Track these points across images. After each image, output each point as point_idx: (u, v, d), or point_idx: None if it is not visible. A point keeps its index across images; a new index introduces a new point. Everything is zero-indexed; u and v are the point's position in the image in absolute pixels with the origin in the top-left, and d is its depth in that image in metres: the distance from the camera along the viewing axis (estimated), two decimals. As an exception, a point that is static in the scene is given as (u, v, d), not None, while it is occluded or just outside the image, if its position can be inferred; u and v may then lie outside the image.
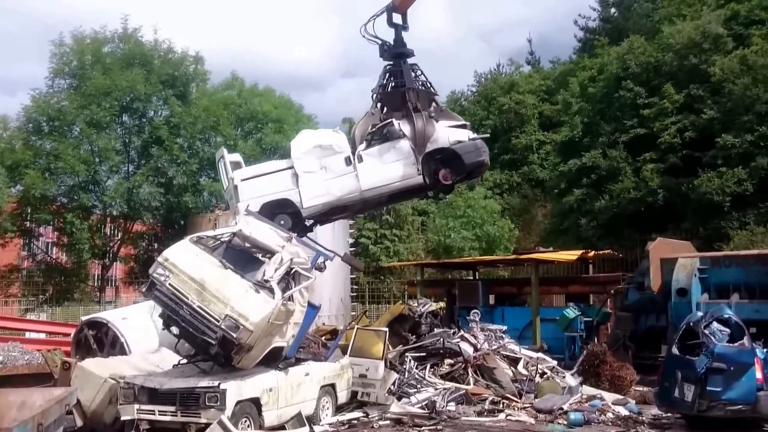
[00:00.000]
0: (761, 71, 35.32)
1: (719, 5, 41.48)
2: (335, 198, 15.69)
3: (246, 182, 15.68)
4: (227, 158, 16.13)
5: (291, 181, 15.61)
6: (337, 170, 15.57)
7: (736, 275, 18.08)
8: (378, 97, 16.56)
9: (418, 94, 15.95)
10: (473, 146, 15.86)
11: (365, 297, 32.50)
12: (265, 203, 15.49)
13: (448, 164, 15.83)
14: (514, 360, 16.70)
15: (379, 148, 15.65)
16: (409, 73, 16.11)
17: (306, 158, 15.60)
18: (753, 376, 12.05)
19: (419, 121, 15.51)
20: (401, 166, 15.58)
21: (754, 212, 34.49)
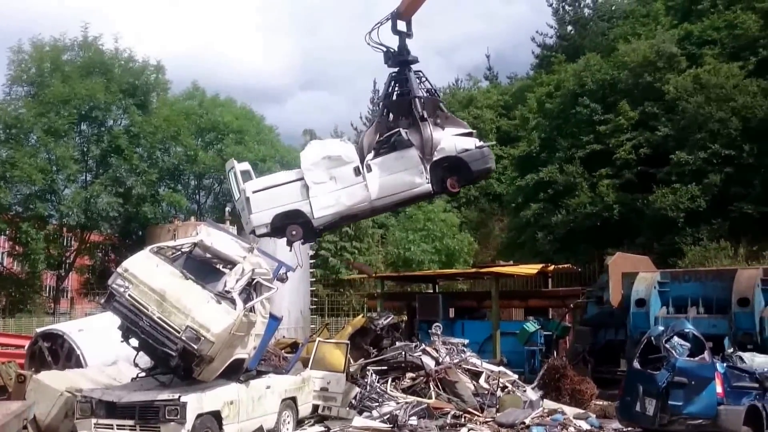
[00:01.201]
0: (714, 90, 35.94)
1: (673, 25, 42.26)
2: (345, 208, 15.56)
3: (258, 194, 15.55)
4: (238, 169, 15.93)
5: (301, 192, 15.51)
6: (346, 180, 15.45)
7: (694, 290, 18.22)
8: (384, 106, 16.48)
9: (424, 102, 15.87)
10: (480, 154, 15.83)
11: (324, 310, 32.18)
12: (276, 214, 15.42)
13: (455, 171, 15.77)
14: (476, 374, 16.58)
15: (388, 158, 15.54)
16: (415, 81, 16.01)
17: (315, 169, 15.48)
18: (713, 391, 12.06)
19: (426, 129, 15.40)
20: (410, 174, 15.49)
21: (707, 228, 34.95)
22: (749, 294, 17.26)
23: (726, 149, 35.24)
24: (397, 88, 16.19)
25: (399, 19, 16.18)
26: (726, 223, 35.12)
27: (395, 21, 16.19)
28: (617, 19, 50.15)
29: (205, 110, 34.11)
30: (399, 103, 16.01)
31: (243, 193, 15.57)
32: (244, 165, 16.36)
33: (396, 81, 16.18)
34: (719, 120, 35.42)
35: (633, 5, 49.96)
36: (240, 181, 15.70)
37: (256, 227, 15.58)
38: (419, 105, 15.61)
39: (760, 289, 17.31)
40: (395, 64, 16.19)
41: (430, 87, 16.41)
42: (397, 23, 16.19)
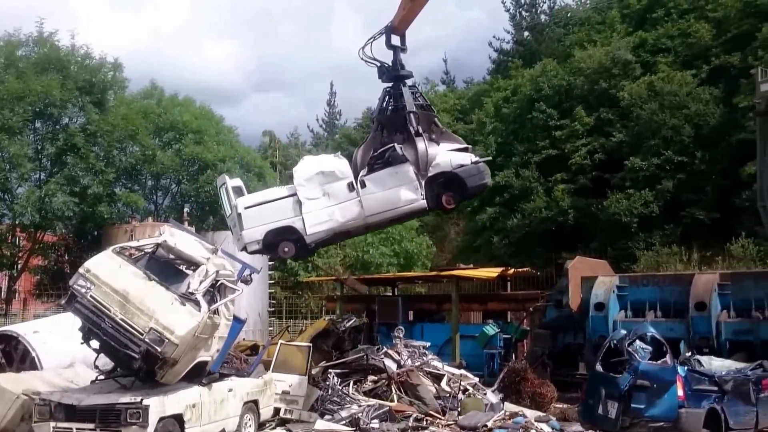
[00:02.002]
0: (667, 97, 36.66)
1: (628, 33, 42.93)
2: (339, 224, 15.37)
3: (250, 210, 15.35)
4: (230, 185, 15.69)
5: (294, 208, 15.32)
6: (340, 196, 15.26)
7: (652, 294, 18.51)
8: (378, 121, 16.21)
9: (419, 117, 15.67)
10: (476, 170, 15.67)
11: (282, 312, 31.90)
12: (269, 231, 15.22)
13: (451, 187, 15.60)
14: (438, 377, 16.50)
15: (382, 173, 15.34)
16: (410, 96, 15.78)
17: (309, 185, 15.29)
18: (675, 394, 12.23)
19: (421, 145, 15.22)
20: (404, 190, 15.30)
21: (660, 233, 35.58)
22: (706, 298, 17.58)
23: (679, 156, 35.99)
24: (391, 103, 16.01)
25: (393, 33, 16.04)
26: (678, 228, 35.82)
27: (389, 35, 16.04)
28: (573, 26, 50.79)
29: (164, 109, 33.43)
30: (393, 118, 15.78)
31: (235, 209, 15.36)
32: (236, 181, 16.17)
33: (390, 96, 15.99)
34: (672, 127, 36.15)
35: (589, 12, 50.65)
36: (232, 197, 15.49)
37: (248, 244, 15.36)
38: (414, 120, 15.43)
39: (716, 293, 17.65)
40: (389, 79, 16.01)
41: (425, 102, 16.27)
42: (391, 38, 16.06)
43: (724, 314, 17.64)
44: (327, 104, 71.54)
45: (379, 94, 16.09)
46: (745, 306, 17.52)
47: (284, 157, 50.02)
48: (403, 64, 16.07)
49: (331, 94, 72.57)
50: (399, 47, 16.08)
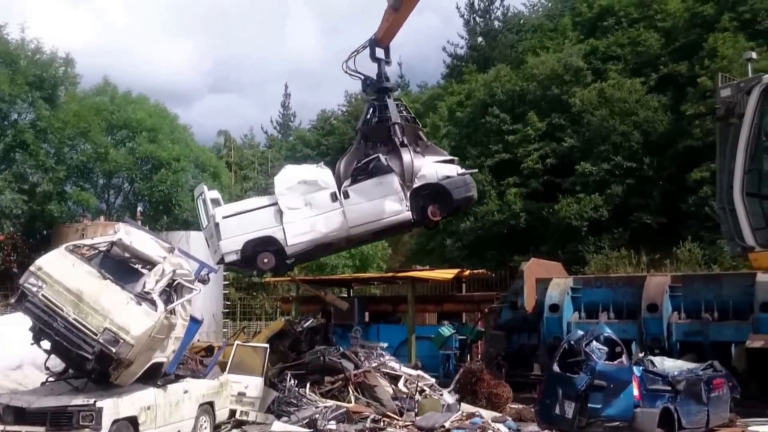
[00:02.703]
0: (617, 104, 37.19)
1: (579, 40, 43.43)
2: (321, 235, 15.08)
3: (228, 220, 15.02)
4: (207, 195, 15.32)
5: (275, 218, 15.00)
6: (322, 206, 14.99)
7: (605, 296, 18.69)
8: (362, 132, 16.00)
9: (404, 129, 15.43)
10: (462, 182, 15.53)
11: (236, 313, 31.47)
12: (248, 241, 14.87)
13: (436, 199, 15.39)
14: (395, 378, 16.42)
15: (366, 184, 15.09)
16: (395, 108, 15.56)
17: (290, 194, 15.01)
18: (631, 394, 12.29)
19: (407, 156, 15.04)
20: (389, 202, 15.05)
21: (609, 237, 36.08)
22: (658, 300, 17.80)
23: (628, 161, 36.52)
24: (375, 115, 15.80)
25: (377, 46, 15.88)
26: (627, 232, 36.37)
27: (373, 48, 15.88)
28: (526, 33, 51.25)
29: (117, 107, 32.74)
30: (378, 130, 15.65)
31: (212, 218, 15.02)
32: (213, 193, 15.84)
33: (375, 107, 15.80)
34: (622, 133, 36.66)
35: (541, 20, 51.15)
36: (209, 207, 15.16)
37: (226, 254, 15.03)
38: (399, 131, 15.26)
39: (668, 295, 17.89)
40: (374, 91, 15.82)
41: (410, 115, 16.10)
42: (375, 50, 15.87)
43: (675, 316, 17.89)
44: (281, 106, 71.10)
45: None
46: (695, 308, 17.78)
47: (239, 157, 49.46)
48: (387, 76, 16.06)
49: (285, 95, 72.21)
50: (383, 60, 15.96)
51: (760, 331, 16.58)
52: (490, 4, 55.19)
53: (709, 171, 34.03)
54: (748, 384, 15.93)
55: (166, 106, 36.43)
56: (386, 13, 15.86)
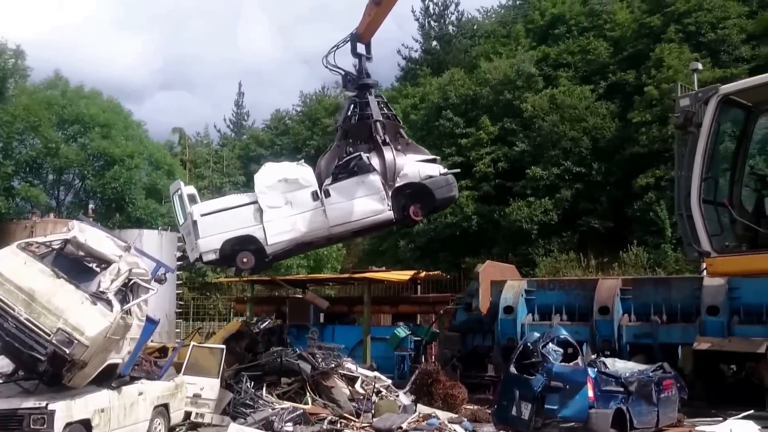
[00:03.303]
0: (567, 110, 37.73)
1: (532, 47, 43.97)
2: (301, 234, 14.76)
3: (206, 218, 14.62)
4: (184, 191, 14.84)
5: (254, 217, 14.64)
6: (303, 205, 14.67)
7: (558, 298, 18.75)
8: (344, 129, 15.62)
9: (385, 126, 15.12)
10: (444, 181, 15.30)
11: (190, 313, 30.91)
12: (227, 240, 14.49)
13: (418, 199, 15.13)
14: (352, 379, 16.26)
15: (348, 183, 14.80)
16: (376, 105, 15.25)
17: (271, 193, 14.65)
18: (586, 395, 12.32)
19: (389, 154, 14.78)
20: (371, 201, 14.79)
21: (558, 240, 36.55)
22: (609, 303, 17.94)
23: (577, 166, 37.08)
24: (356, 112, 15.48)
25: (359, 41, 15.59)
26: (575, 235, 36.91)
27: (355, 43, 15.58)
28: (479, 38, 51.63)
29: (69, 101, 31.79)
30: (359, 127, 15.34)
31: (190, 216, 14.61)
32: (190, 188, 15.40)
33: (356, 105, 15.47)
34: (572, 139, 37.20)
35: (494, 26, 51.60)
36: (186, 204, 14.73)
37: (204, 253, 14.60)
38: (380, 129, 15.00)
39: (619, 298, 18.04)
40: (355, 87, 15.50)
41: (390, 112, 15.82)
42: (356, 46, 15.58)
43: (626, 318, 18.03)
44: (235, 105, 70.34)
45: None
46: (644, 310, 17.94)
47: (194, 155, 48.73)
48: (368, 72, 15.75)
49: (239, 94, 71.60)
50: (364, 55, 15.68)
51: (707, 333, 16.83)
52: (444, 8, 55.50)
53: (654, 177, 34.86)
54: (694, 385, 16.14)
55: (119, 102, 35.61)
56: (368, 7, 15.64)
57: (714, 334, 16.73)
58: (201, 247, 14.53)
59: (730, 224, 9.02)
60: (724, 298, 16.93)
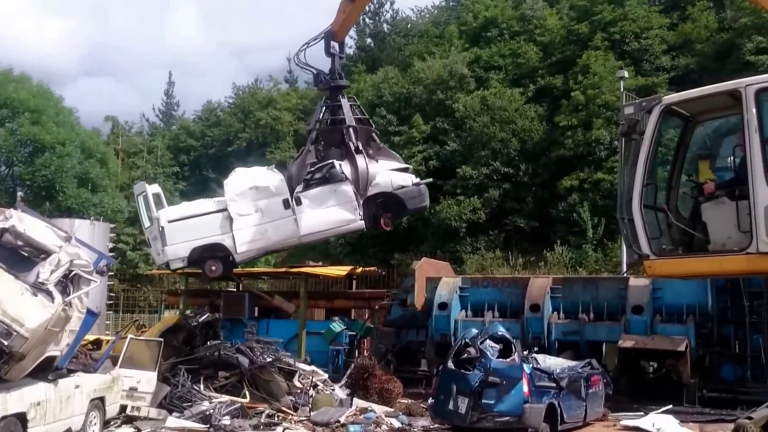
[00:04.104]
0: (498, 112, 38.36)
1: (464, 48, 44.47)
2: (272, 243, 14.44)
3: (174, 224, 14.17)
4: (150, 192, 14.27)
5: (224, 224, 14.23)
6: (274, 213, 14.30)
7: (491, 295, 19.14)
8: (317, 133, 15.11)
9: (358, 132, 14.74)
10: (417, 192, 15.06)
11: (120, 306, 30.15)
12: (195, 247, 14.10)
13: (390, 208, 14.87)
14: (290, 373, 16.21)
15: (319, 191, 14.47)
16: (349, 109, 14.84)
17: (241, 200, 14.24)
18: (521, 390, 12.61)
19: (362, 162, 14.42)
20: (342, 210, 14.51)
21: (485, 239, 37.14)
22: (540, 301, 18.42)
23: (505, 167, 37.76)
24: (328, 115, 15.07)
25: (333, 39, 15.20)
26: (501, 234, 37.57)
27: (329, 42, 15.18)
28: (413, 37, 51.87)
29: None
30: (332, 132, 14.97)
31: (156, 221, 14.13)
32: (155, 187, 14.80)
33: (329, 108, 15.04)
34: (501, 140, 37.84)
35: (428, 26, 51.95)
36: (152, 208, 14.19)
37: (171, 261, 14.25)
38: (354, 135, 14.67)
39: (549, 296, 18.53)
40: (328, 88, 15.07)
41: (363, 116, 15.46)
42: (330, 44, 15.20)
43: (555, 316, 18.56)
44: (165, 94, 68.75)
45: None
46: (573, 309, 18.52)
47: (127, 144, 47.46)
48: (341, 72, 15.43)
49: (169, 83, 70.03)
50: (337, 54, 15.35)
51: (631, 331, 17.51)
52: (379, 6, 55.51)
53: (578, 180, 35.83)
54: (618, 381, 16.71)
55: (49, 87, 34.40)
56: (342, 4, 15.34)
57: (638, 332, 17.43)
58: (168, 254, 14.22)
59: (667, 228, 9.34)
60: (647, 298, 17.71)
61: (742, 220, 8.46)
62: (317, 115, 15.62)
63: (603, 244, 34.44)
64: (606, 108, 35.99)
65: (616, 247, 32.82)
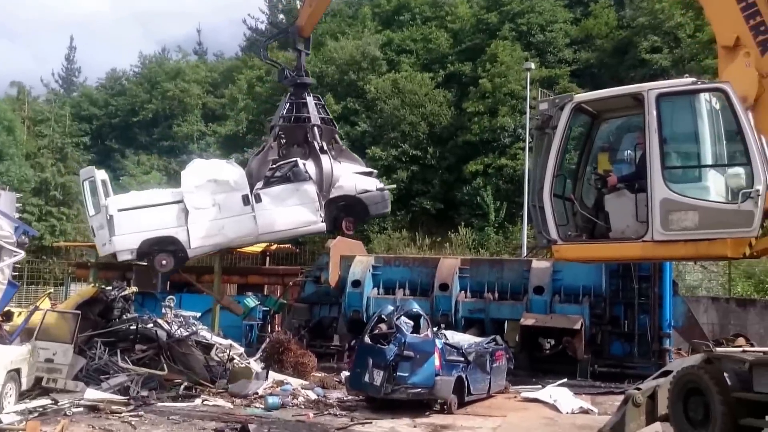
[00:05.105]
0: (408, 95, 39.07)
1: (377, 30, 44.91)
2: (228, 240, 13.85)
3: (123, 213, 13.60)
4: (98, 178, 13.61)
5: (179, 217, 13.73)
6: (233, 209, 13.76)
7: (403, 274, 19.88)
8: (280, 130, 14.56)
9: (322, 131, 14.31)
10: (381, 197, 14.72)
11: (24, 278, 29.23)
12: (146, 239, 13.51)
13: (352, 212, 14.52)
14: (207, 346, 16.45)
15: (281, 189, 14.01)
16: (314, 107, 14.38)
17: (198, 193, 13.69)
18: (433, 364, 13.37)
19: (327, 163, 13.96)
20: (304, 210, 14.08)
21: (392, 219, 37.85)
22: (449, 280, 19.29)
23: (414, 149, 38.59)
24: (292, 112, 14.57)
25: (300, 34, 14.81)
26: (408, 215, 38.42)
27: (295, 37, 14.76)
28: (326, 16, 51.73)
29: None
30: (295, 129, 14.46)
31: (105, 209, 13.55)
32: (102, 174, 14.07)
33: (294, 105, 14.58)
34: (411, 123, 38.62)
35: (341, 5, 52.05)
36: (101, 195, 13.57)
37: (119, 252, 13.65)
38: (318, 135, 14.30)
39: (457, 276, 19.42)
40: (292, 84, 14.63)
41: (327, 115, 15.01)
42: (296, 40, 14.80)
43: (462, 294, 19.46)
44: (66, 59, 66.14)
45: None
46: (479, 288, 19.48)
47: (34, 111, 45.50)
48: (306, 70, 15.00)
49: (70, 48, 67.35)
50: (303, 51, 14.92)
51: (532, 310, 18.62)
52: (292, -19, 55.13)
53: (483, 165, 37.05)
54: (519, 356, 17.78)
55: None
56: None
57: (538, 311, 18.56)
58: (116, 244, 13.73)
59: (573, 216, 10.13)
60: (548, 280, 18.85)
61: (640, 211, 9.26)
62: (281, 110, 15.01)
63: (504, 227, 35.83)
64: (511, 96, 37.27)
65: (516, 230, 34.29)
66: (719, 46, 9.22)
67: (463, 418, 13.29)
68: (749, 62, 8.80)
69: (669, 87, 9.42)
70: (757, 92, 8.74)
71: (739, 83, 8.77)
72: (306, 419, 12.88)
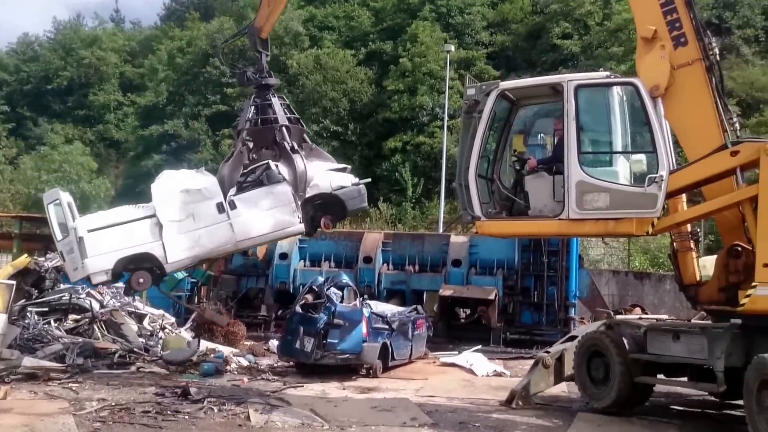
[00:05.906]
0: (330, 72, 39.53)
1: (300, 6, 45.01)
2: (206, 250, 13.27)
3: (95, 233, 12.74)
4: (64, 200, 12.82)
5: (152, 232, 12.93)
6: (207, 219, 13.11)
7: (328, 248, 20.58)
8: (248, 133, 14.03)
9: (291, 131, 13.96)
10: (357, 192, 14.26)
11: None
12: (120, 258, 12.75)
13: (329, 209, 14.10)
14: (140, 316, 16.77)
15: (255, 193, 13.48)
16: (280, 108, 13.96)
17: (171, 205, 13.04)
18: (361, 331, 14.16)
19: (300, 163, 13.58)
20: (280, 213, 13.51)
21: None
22: (372, 253, 20.12)
23: (335, 125, 39.19)
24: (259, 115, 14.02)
25: (258, 35, 14.25)
26: (327, 191, 38.96)
27: (254, 38, 14.23)
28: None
29: None
30: (264, 132, 13.97)
31: (73, 231, 12.79)
32: (67, 197, 13.32)
33: (259, 108, 14.13)
34: (332, 99, 39.16)
35: (263, -21, 51.67)
36: (68, 217, 12.82)
37: (93, 274, 12.90)
38: (287, 135, 13.88)
39: (380, 250, 20.28)
40: (256, 86, 14.15)
41: (293, 115, 14.53)
42: (256, 41, 14.24)
43: (385, 267, 20.34)
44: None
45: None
46: (401, 261, 20.39)
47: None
48: (269, 70, 14.51)
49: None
50: (264, 51, 14.45)
51: (450, 282, 19.66)
52: (213, -48, 54.33)
53: (402, 142, 37.97)
54: (437, 324, 18.80)
55: None
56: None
57: (456, 282, 19.61)
58: (89, 267, 12.86)
59: (494, 195, 11.02)
60: (465, 253, 19.92)
61: (557, 192, 10.17)
62: (246, 114, 14.32)
63: (421, 203, 36.91)
64: (430, 76, 38.21)
65: (432, 205, 35.41)
66: (639, 36, 10.22)
67: (388, 381, 14.12)
68: (664, 54, 9.86)
69: (586, 79, 10.39)
70: (668, 82, 9.83)
71: (652, 73, 9.85)
72: (241, 384, 13.43)
